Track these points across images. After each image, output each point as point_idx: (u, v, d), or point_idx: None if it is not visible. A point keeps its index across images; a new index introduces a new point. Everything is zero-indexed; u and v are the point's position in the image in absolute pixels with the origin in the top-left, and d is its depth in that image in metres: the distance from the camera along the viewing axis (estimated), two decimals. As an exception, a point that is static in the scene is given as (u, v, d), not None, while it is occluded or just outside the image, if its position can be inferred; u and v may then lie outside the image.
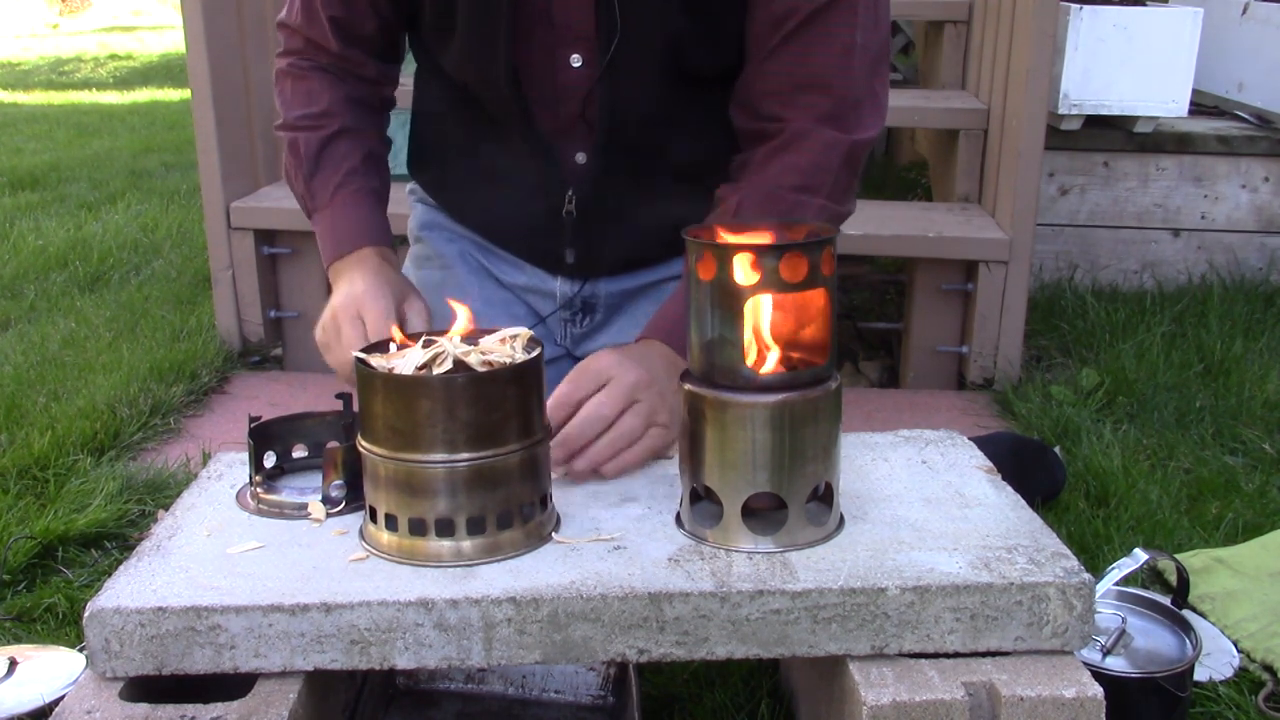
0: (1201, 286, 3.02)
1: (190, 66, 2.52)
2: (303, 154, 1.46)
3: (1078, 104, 2.90)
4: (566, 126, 1.42)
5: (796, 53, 1.31)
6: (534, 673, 1.26)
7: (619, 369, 1.18)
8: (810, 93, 1.31)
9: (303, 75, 1.49)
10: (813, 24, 1.30)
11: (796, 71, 1.32)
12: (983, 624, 0.98)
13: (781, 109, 1.32)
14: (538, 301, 1.62)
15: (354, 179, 1.46)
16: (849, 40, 1.30)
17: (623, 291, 1.59)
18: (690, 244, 1.01)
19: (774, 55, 1.32)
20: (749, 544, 1.03)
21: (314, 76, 1.48)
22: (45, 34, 12.48)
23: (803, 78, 1.31)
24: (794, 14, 1.29)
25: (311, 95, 1.47)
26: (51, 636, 1.49)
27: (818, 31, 1.30)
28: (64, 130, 6.07)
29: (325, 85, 1.48)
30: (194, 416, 2.33)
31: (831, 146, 1.31)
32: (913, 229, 2.52)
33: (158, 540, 1.07)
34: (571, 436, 1.15)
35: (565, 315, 1.62)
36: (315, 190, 1.46)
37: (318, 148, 1.46)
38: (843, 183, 1.34)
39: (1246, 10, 3.28)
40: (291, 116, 1.47)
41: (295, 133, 1.47)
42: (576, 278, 1.58)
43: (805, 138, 1.31)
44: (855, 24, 1.30)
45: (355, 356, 1.03)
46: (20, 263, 3.37)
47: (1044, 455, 1.93)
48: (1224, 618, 1.51)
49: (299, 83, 1.49)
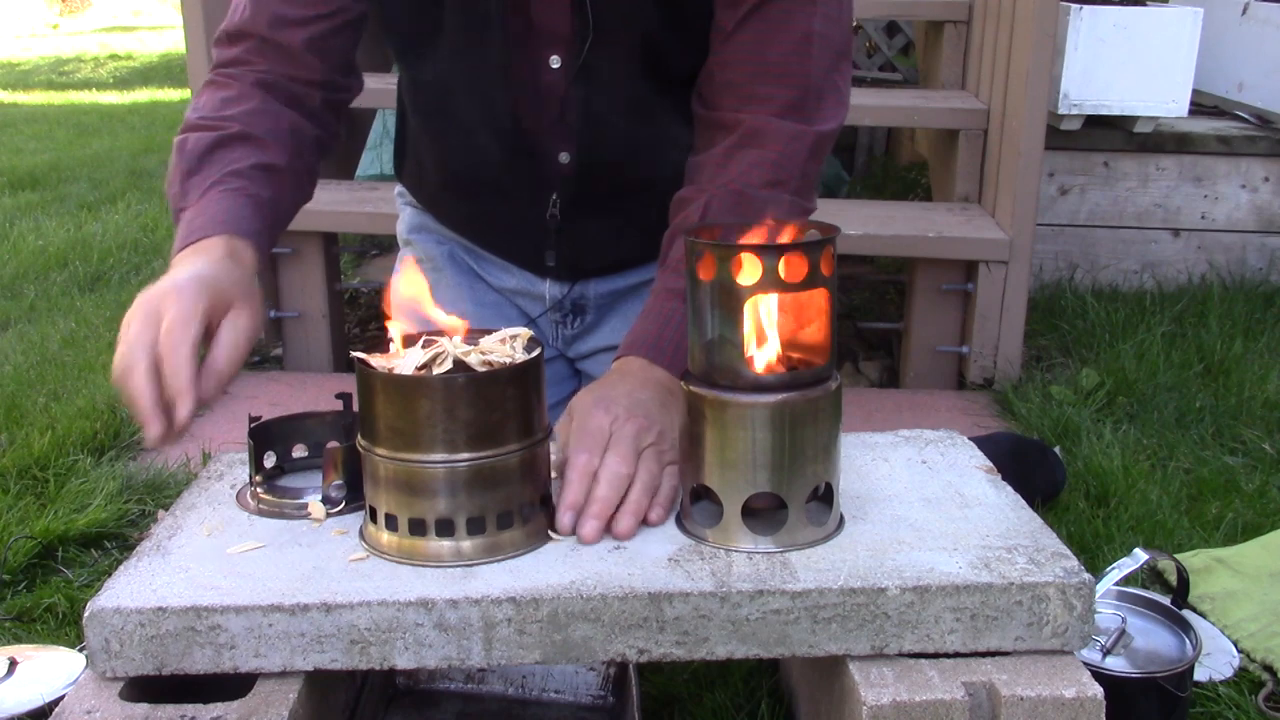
0: (1201, 286, 3.02)
1: (190, 66, 2.52)
2: (188, 151, 1.25)
3: (1078, 104, 2.90)
4: (549, 127, 1.41)
5: (753, 41, 1.27)
6: (534, 673, 1.26)
7: (616, 423, 1.11)
8: (769, 82, 1.27)
9: (225, 83, 1.32)
10: (769, 7, 1.26)
11: (755, 60, 1.27)
12: (983, 624, 0.98)
13: (740, 101, 1.28)
14: (527, 304, 1.62)
15: (235, 179, 1.23)
16: (807, 28, 1.26)
17: (612, 292, 1.59)
18: (690, 244, 1.01)
19: (731, 41, 1.28)
20: (749, 544, 1.03)
21: (236, 85, 1.31)
22: (45, 34, 12.49)
23: (761, 66, 1.27)
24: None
25: (224, 101, 1.30)
26: (51, 636, 1.49)
27: (775, 18, 1.26)
28: (64, 130, 6.07)
29: (244, 93, 1.31)
30: (194, 416, 2.32)
31: (795, 138, 1.27)
32: (913, 229, 2.52)
33: (158, 540, 1.07)
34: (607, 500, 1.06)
35: (555, 317, 1.61)
36: (188, 189, 1.23)
37: (206, 148, 1.25)
38: (810, 177, 1.30)
39: (1246, 10, 3.28)
40: (191, 118, 1.29)
41: (186, 133, 1.28)
42: (564, 280, 1.58)
43: (766, 132, 1.27)
44: (814, 12, 1.27)
45: (355, 356, 1.03)
46: (20, 263, 3.37)
47: (1044, 455, 1.93)
48: (1224, 618, 1.51)
49: (216, 90, 1.32)
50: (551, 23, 1.34)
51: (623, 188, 1.44)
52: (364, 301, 3.12)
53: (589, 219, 1.48)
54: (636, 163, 1.43)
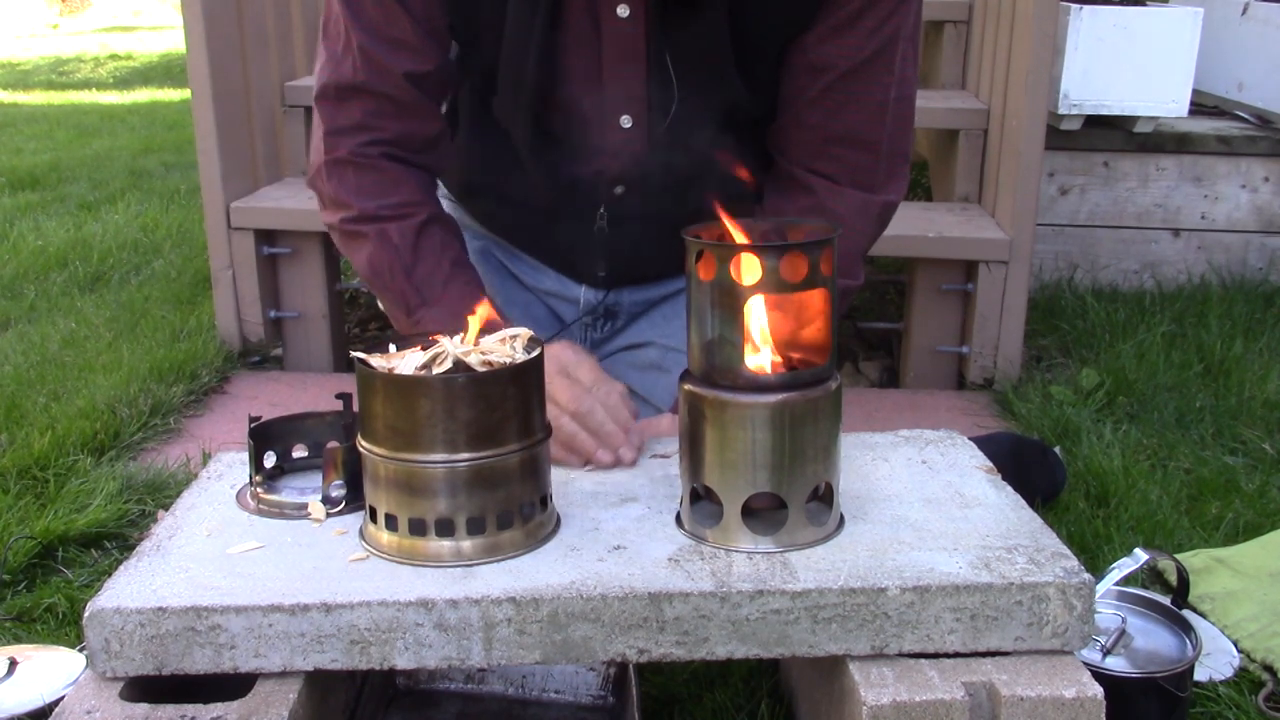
0: (1201, 286, 3.02)
1: (190, 66, 2.52)
2: (397, 245, 1.33)
3: (1078, 104, 2.90)
4: (612, 176, 1.42)
5: (831, 107, 1.32)
6: (534, 673, 1.26)
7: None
8: (845, 146, 1.34)
9: (371, 164, 1.34)
10: (850, 80, 1.31)
11: (829, 125, 1.33)
12: (983, 624, 0.98)
13: (814, 157, 1.35)
14: (560, 305, 1.62)
15: (462, 270, 1.35)
16: (883, 97, 1.32)
17: (645, 300, 1.60)
18: (690, 244, 1.01)
19: (810, 106, 1.33)
20: (749, 544, 1.03)
21: (383, 164, 1.34)
22: (45, 34, 12.48)
23: (834, 132, 1.34)
24: (832, 68, 1.30)
25: (387, 184, 1.34)
26: (51, 636, 1.49)
27: (855, 88, 1.31)
28: (64, 130, 6.06)
29: (400, 173, 1.35)
30: (194, 416, 2.33)
31: (862, 210, 1.35)
32: (913, 229, 2.51)
33: (158, 540, 1.07)
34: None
35: (587, 320, 1.62)
36: (419, 284, 1.33)
37: (413, 238, 1.33)
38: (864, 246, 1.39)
39: (1246, 10, 3.28)
40: (370, 208, 1.34)
41: (382, 224, 1.33)
42: (600, 287, 1.58)
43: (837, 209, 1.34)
44: (891, 81, 1.31)
45: (355, 356, 1.03)
46: (20, 263, 3.37)
47: (1044, 455, 1.93)
48: (1224, 618, 1.51)
49: (367, 172, 1.34)
50: (625, 85, 1.34)
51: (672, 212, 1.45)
52: (364, 301, 3.12)
53: (635, 233, 1.48)
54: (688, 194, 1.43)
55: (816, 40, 1.29)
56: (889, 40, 1.29)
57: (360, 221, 1.33)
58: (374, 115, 1.32)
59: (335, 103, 1.33)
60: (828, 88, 1.31)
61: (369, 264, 1.35)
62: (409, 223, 1.33)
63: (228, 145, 2.58)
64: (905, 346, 2.65)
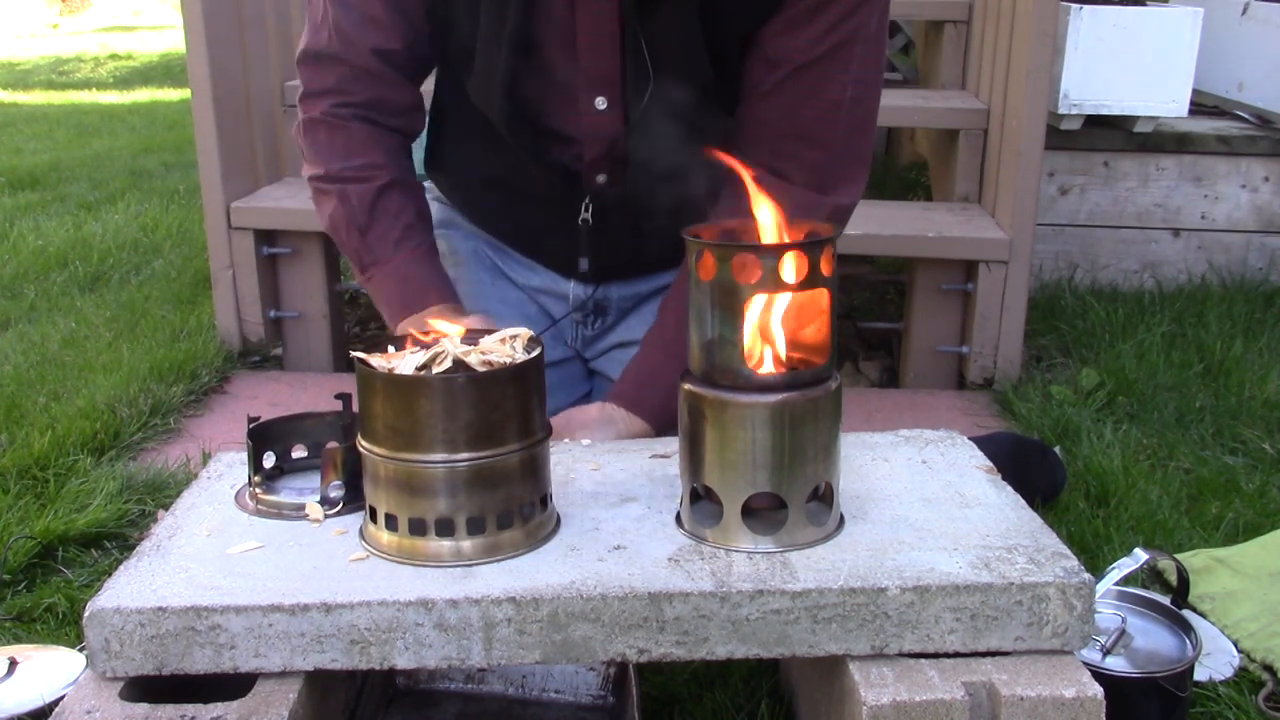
0: (1201, 286, 3.02)
1: (190, 66, 2.52)
2: (355, 205, 1.41)
3: (1078, 104, 2.90)
4: (590, 160, 1.43)
5: (787, 103, 1.33)
6: (534, 673, 1.26)
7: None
8: (796, 143, 1.35)
9: (342, 124, 1.42)
10: (804, 75, 1.32)
11: (786, 119, 1.34)
12: (983, 624, 0.98)
13: (769, 155, 1.34)
14: (550, 303, 1.63)
15: (413, 234, 1.42)
16: (839, 95, 1.33)
17: (635, 295, 1.60)
18: (690, 244, 1.01)
19: (767, 100, 1.34)
20: (749, 544, 1.03)
21: (354, 125, 1.42)
22: (45, 34, 12.48)
23: (791, 126, 1.34)
24: (788, 62, 1.31)
25: (353, 145, 1.42)
26: (51, 636, 1.49)
27: (809, 84, 1.32)
28: (64, 130, 6.06)
29: (366, 135, 1.42)
30: (194, 416, 2.33)
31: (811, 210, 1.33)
32: (913, 229, 2.52)
33: (158, 540, 1.07)
34: None
35: (577, 317, 1.62)
36: (372, 244, 1.41)
37: (371, 200, 1.41)
38: None
39: (1246, 10, 3.28)
40: (335, 168, 1.42)
41: (344, 184, 1.41)
42: (589, 281, 1.58)
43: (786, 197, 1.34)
44: (847, 81, 1.32)
45: (355, 356, 1.03)
46: (20, 263, 3.37)
47: (1044, 455, 1.93)
48: (1224, 618, 1.51)
49: (337, 132, 1.42)
50: (599, 65, 1.35)
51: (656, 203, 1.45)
52: (364, 301, 3.12)
53: (620, 225, 1.49)
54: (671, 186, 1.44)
55: (774, 33, 1.31)
56: (847, 38, 1.31)
57: (326, 180, 1.42)
58: (348, 81, 1.40)
59: (313, 67, 1.42)
60: (782, 82, 1.32)
61: (330, 220, 1.44)
62: (369, 186, 1.41)
63: (228, 145, 2.58)
64: (905, 346, 2.65)
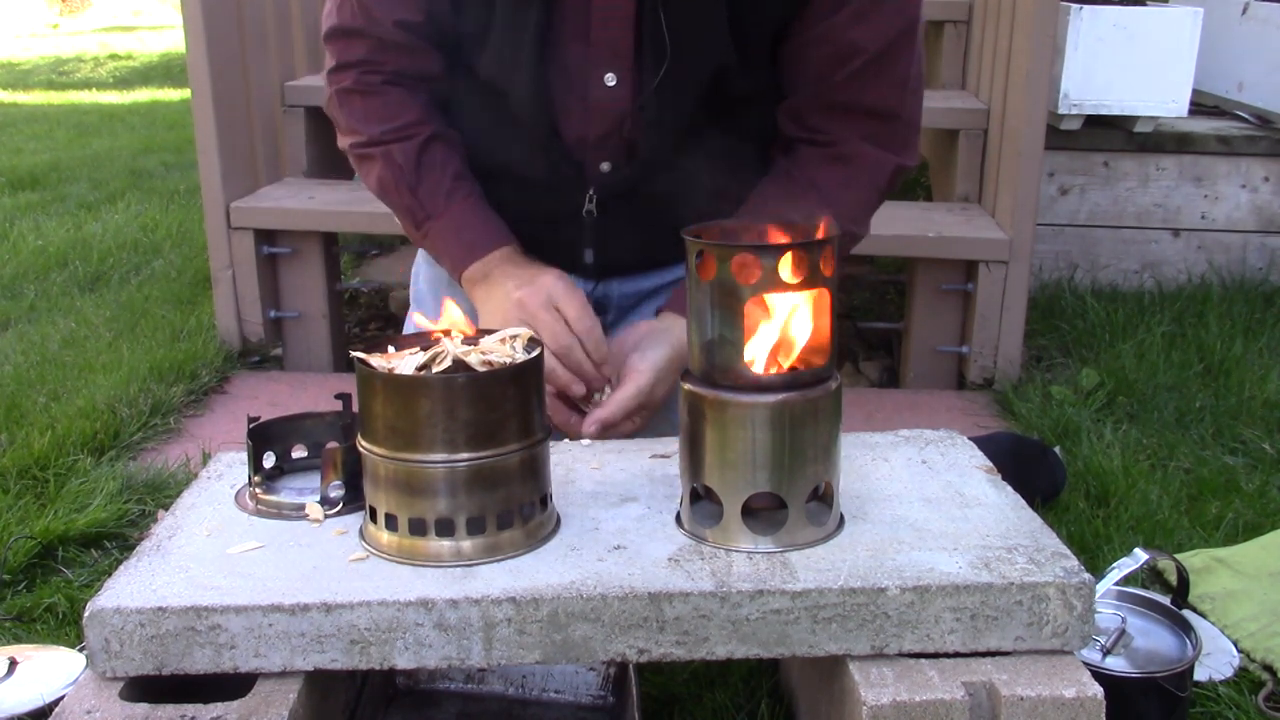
0: (1201, 286, 3.02)
1: (190, 66, 2.52)
2: (400, 164, 1.42)
3: (1078, 104, 2.90)
4: (597, 140, 1.43)
5: (858, 86, 1.36)
6: (534, 673, 1.26)
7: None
8: (863, 116, 1.38)
9: (375, 90, 1.44)
10: (878, 62, 1.34)
11: (858, 100, 1.37)
12: (983, 624, 0.98)
13: (837, 126, 1.38)
14: None
15: (462, 184, 1.44)
16: (905, 72, 1.36)
17: (637, 292, 1.59)
18: (690, 244, 1.01)
19: (835, 89, 1.36)
20: (749, 544, 1.03)
21: (388, 90, 1.43)
22: (45, 34, 12.48)
23: (863, 106, 1.37)
24: (859, 54, 1.33)
25: (390, 108, 1.43)
26: (51, 636, 1.49)
27: (882, 68, 1.35)
28: (64, 130, 6.07)
29: (402, 96, 1.43)
30: (194, 416, 2.33)
31: (878, 165, 1.39)
32: (913, 229, 2.52)
33: (158, 540, 1.07)
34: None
35: None
36: (424, 199, 1.43)
37: (415, 156, 1.42)
38: (874, 201, 1.43)
39: (1246, 10, 3.28)
40: (375, 132, 1.43)
41: (386, 146, 1.43)
42: (591, 277, 1.58)
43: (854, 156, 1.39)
44: (913, 57, 1.36)
45: (355, 356, 1.03)
46: (20, 263, 3.37)
47: (1044, 455, 1.93)
48: (1224, 618, 1.51)
49: (372, 98, 1.44)
50: (611, 40, 1.35)
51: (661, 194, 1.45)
52: (364, 301, 3.12)
53: (624, 219, 1.48)
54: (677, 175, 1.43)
55: (841, 27, 1.32)
56: (912, 21, 1.35)
57: (369, 145, 1.44)
58: (375, 51, 1.42)
59: (341, 42, 1.44)
60: (857, 71, 1.35)
61: (378, 183, 1.46)
62: (412, 143, 1.42)
63: (228, 145, 2.59)
64: (905, 346, 2.65)
